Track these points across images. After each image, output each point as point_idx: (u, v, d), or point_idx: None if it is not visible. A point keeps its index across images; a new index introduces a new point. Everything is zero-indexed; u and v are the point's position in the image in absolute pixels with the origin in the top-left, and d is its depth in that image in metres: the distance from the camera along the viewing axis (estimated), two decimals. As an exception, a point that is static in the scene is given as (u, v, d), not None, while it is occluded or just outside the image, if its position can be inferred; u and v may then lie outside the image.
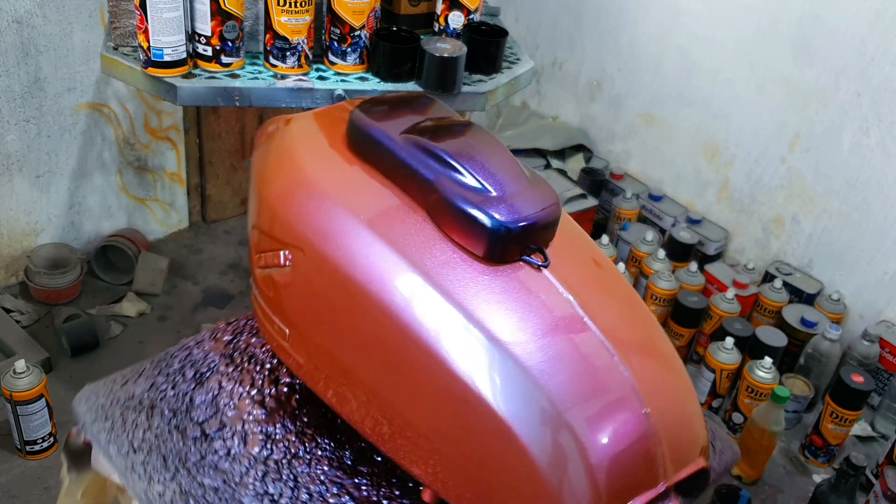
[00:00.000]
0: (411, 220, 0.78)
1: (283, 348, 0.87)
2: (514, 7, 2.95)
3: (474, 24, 1.61)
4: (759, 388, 1.91)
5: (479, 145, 0.82)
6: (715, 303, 2.14)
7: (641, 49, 2.58)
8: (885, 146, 2.04)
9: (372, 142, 0.84)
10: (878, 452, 1.96)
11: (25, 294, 2.21)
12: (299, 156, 0.88)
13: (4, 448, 1.79)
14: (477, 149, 0.80)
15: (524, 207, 0.75)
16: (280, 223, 0.84)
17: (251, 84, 1.44)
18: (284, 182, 0.86)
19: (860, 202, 2.12)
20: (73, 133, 2.19)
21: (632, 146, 2.72)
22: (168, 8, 1.34)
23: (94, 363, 2.03)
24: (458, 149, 0.79)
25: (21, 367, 1.69)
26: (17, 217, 2.18)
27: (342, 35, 1.48)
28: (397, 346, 0.74)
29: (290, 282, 0.83)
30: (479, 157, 0.78)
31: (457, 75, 1.50)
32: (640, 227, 2.48)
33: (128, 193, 2.39)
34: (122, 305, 2.20)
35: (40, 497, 1.70)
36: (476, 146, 0.81)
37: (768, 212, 2.35)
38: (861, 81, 2.06)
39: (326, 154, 0.87)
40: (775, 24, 2.21)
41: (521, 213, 0.74)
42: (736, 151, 2.40)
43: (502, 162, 0.80)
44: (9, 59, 1.97)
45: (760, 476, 1.90)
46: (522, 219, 0.74)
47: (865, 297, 2.16)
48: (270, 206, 0.86)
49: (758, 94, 2.30)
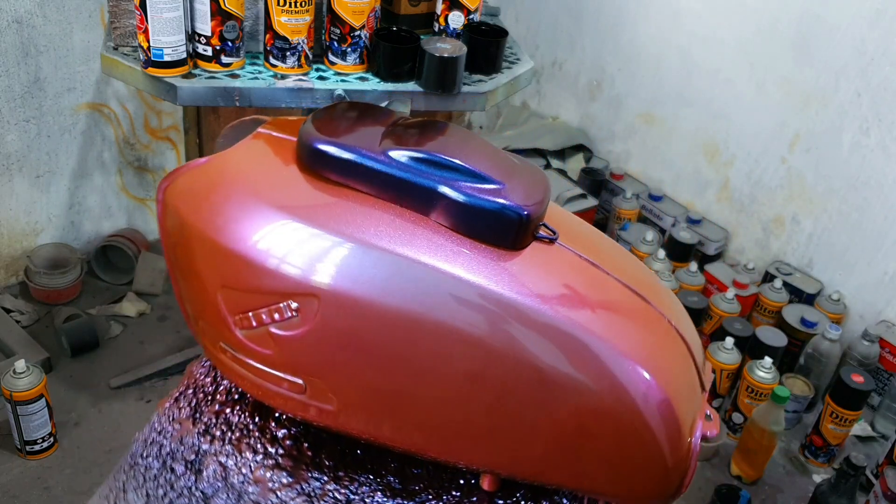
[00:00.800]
0: (424, 229, 0.75)
1: (296, 402, 0.80)
2: (514, 7, 2.95)
3: (474, 24, 1.61)
4: (759, 388, 1.91)
5: (462, 141, 0.81)
6: (715, 303, 2.14)
7: (641, 49, 2.58)
8: (885, 146, 2.04)
9: (346, 162, 0.76)
10: (878, 452, 1.95)
11: (25, 294, 2.21)
12: (265, 192, 0.77)
13: (4, 448, 1.79)
14: (462, 145, 0.80)
15: (532, 190, 0.77)
16: (270, 275, 0.74)
17: (251, 84, 1.44)
18: (256, 226, 0.75)
19: (860, 202, 2.12)
20: (73, 133, 2.19)
21: (632, 146, 2.72)
22: (168, 8, 1.34)
23: (94, 363, 2.03)
24: (447, 149, 0.78)
25: (21, 367, 1.69)
26: (17, 217, 2.18)
27: (342, 35, 1.48)
28: (468, 353, 0.73)
29: (303, 333, 0.75)
30: (470, 153, 0.78)
31: (457, 75, 1.50)
32: (640, 227, 2.48)
33: (128, 193, 2.39)
34: (122, 305, 2.20)
35: (40, 497, 1.70)
36: (459, 143, 0.81)
37: (768, 212, 2.35)
38: (861, 81, 2.06)
39: (295, 184, 0.78)
40: (775, 24, 2.21)
41: (533, 196, 0.76)
42: (736, 151, 2.40)
43: (490, 152, 0.81)
44: (9, 59, 1.97)
45: (760, 476, 1.90)
46: (536, 201, 0.76)
47: (865, 297, 2.16)
48: (246, 259, 0.75)
49: (758, 94, 2.30)
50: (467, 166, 0.76)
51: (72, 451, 1.80)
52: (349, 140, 0.78)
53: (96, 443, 1.83)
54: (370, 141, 0.78)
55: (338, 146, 0.77)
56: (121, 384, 1.98)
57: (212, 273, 0.78)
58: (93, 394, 1.95)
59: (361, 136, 0.79)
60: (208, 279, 0.79)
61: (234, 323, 0.78)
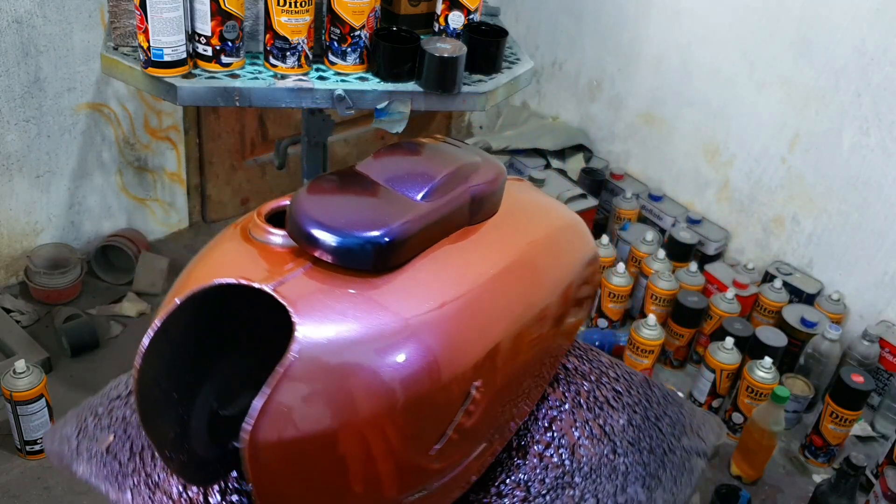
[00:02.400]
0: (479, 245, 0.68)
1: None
2: (514, 7, 2.95)
3: (474, 24, 1.61)
4: (759, 388, 1.91)
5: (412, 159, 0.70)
6: (715, 303, 2.14)
7: (641, 49, 2.58)
8: (885, 146, 2.04)
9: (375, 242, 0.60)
10: (878, 452, 1.95)
11: (25, 294, 2.21)
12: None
13: (4, 448, 1.79)
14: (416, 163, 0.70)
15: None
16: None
17: (251, 84, 1.44)
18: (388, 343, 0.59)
19: (860, 202, 2.12)
20: (73, 133, 2.19)
21: (632, 146, 2.72)
22: (168, 8, 1.34)
23: (94, 363, 2.03)
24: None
25: (21, 367, 1.69)
26: (17, 217, 2.18)
27: (342, 35, 1.48)
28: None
29: (479, 414, 0.66)
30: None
31: (457, 75, 1.50)
32: (640, 227, 2.48)
33: (128, 193, 2.39)
34: (122, 305, 2.20)
35: (40, 497, 1.70)
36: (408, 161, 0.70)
37: (768, 212, 2.35)
38: (861, 81, 2.06)
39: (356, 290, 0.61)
40: (775, 24, 2.21)
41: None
42: (736, 151, 2.40)
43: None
44: (9, 59, 1.97)
45: (760, 476, 1.90)
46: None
47: (865, 297, 2.16)
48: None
49: (758, 94, 2.30)
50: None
51: (72, 451, 1.80)
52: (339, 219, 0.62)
53: (96, 443, 1.83)
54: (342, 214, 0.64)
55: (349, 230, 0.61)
56: (121, 384, 1.97)
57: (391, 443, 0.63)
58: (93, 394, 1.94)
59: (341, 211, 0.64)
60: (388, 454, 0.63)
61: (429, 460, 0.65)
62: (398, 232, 0.61)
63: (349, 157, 3.01)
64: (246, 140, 2.62)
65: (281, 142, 1.89)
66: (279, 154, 1.89)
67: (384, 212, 0.63)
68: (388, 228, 0.60)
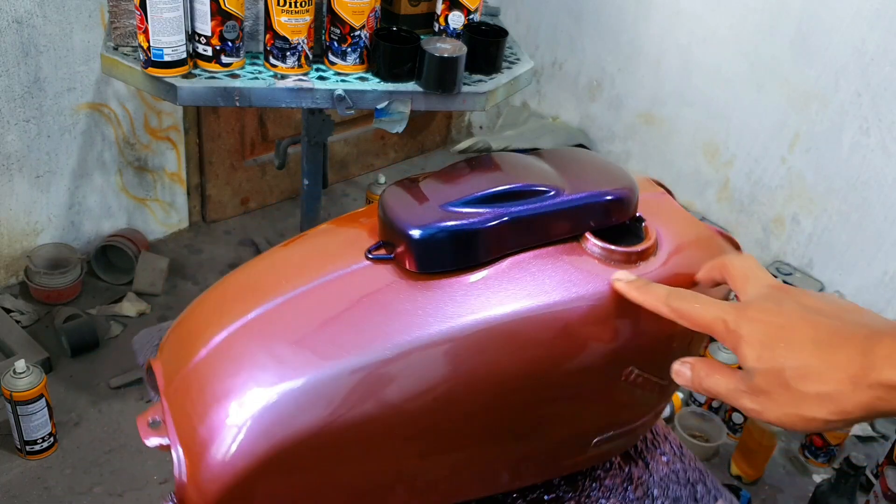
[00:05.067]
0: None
1: None
2: (514, 7, 2.95)
3: (474, 24, 1.61)
4: (759, 388, 1.91)
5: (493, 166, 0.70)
6: (715, 303, 2.14)
7: (641, 49, 2.58)
8: (885, 146, 2.04)
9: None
10: (878, 452, 1.95)
11: (25, 294, 2.21)
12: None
13: (4, 448, 1.79)
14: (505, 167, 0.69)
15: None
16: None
17: (251, 84, 1.44)
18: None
19: (860, 202, 2.12)
20: (73, 133, 2.19)
21: (632, 146, 2.72)
22: (168, 8, 1.34)
23: (94, 363, 2.03)
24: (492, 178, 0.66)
25: (21, 367, 1.69)
26: (17, 217, 2.18)
27: (342, 35, 1.48)
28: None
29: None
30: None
31: (457, 75, 1.50)
32: (640, 227, 2.48)
33: (128, 193, 2.39)
34: (122, 305, 2.20)
35: (40, 497, 1.70)
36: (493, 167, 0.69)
37: (768, 212, 2.35)
38: (861, 81, 2.06)
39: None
40: (775, 24, 2.21)
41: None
42: (736, 151, 2.40)
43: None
44: (9, 59, 1.97)
45: (760, 476, 1.90)
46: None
47: (865, 297, 2.16)
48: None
49: (758, 94, 2.30)
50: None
51: (72, 451, 1.80)
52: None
53: (96, 443, 1.83)
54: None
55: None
56: (121, 384, 1.98)
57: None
58: (93, 394, 1.95)
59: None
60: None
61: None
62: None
63: (349, 157, 3.01)
64: (246, 140, 2.62)
65: (281, 142, 1.89)
66: (279, 154, 1.89)
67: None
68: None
